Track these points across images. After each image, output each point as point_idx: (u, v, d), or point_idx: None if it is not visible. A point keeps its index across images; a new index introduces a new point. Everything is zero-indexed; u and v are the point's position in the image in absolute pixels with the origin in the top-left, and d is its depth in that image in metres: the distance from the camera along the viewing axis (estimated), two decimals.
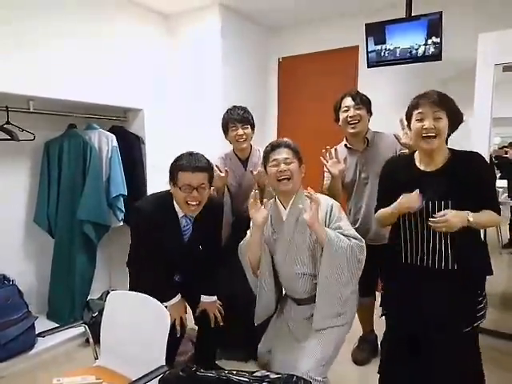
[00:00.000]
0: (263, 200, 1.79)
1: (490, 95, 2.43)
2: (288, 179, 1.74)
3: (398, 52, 2.88)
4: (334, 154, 2.11)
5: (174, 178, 1.83)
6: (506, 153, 3.29)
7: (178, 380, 1.38)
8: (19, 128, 2.55)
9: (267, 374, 1.37)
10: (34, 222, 2.78)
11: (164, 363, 1.48)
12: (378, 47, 2.94)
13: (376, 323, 2.41)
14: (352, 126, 2.17)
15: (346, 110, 2.18)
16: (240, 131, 2.27)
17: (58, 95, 2.60)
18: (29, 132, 2.60)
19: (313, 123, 3.62)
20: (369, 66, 3.03)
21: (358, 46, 3.30)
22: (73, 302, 2.78)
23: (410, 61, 2.86)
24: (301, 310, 1.82)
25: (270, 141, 1.90)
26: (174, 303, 1.93)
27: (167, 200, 1.90)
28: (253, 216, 1.76)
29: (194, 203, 1.82)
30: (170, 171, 1.86)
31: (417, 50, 2.81)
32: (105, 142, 2.89)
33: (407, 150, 1.94)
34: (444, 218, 1.47)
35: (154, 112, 3.21)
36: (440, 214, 1.49)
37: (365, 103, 2.19)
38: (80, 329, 1.92)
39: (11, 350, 2.31)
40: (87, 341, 2.32)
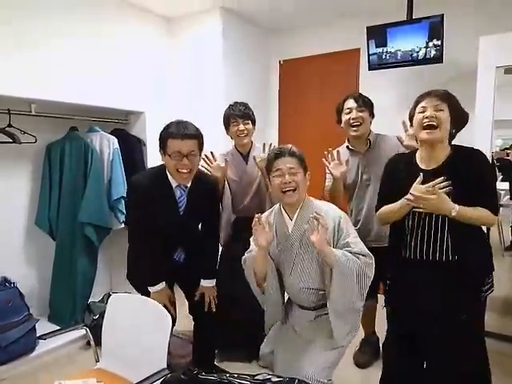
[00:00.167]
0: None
1: (492, 97, 2.44)
2: (293, 190, 1.66)
3: (400, 55, 2.89)
4: (335, 155, 2.11)
5: (164, 147, 1.82)
6: (507, 155, 3.28)
7: (180, 383, 1.38)
8: (21, 131, 2.55)
9: (269, 377, 1.35)
10: (35, 225, 2.78)
11: (165, 366, 1.47)
12: (380, 50, 2.95)
13: (378, 325, 2.41)
14: (354, 128, 2.18)
15: (349, 112, 2.19)
16: (241, 126, 2.29)
17: (59, 97, 2.61)
18: (30, 135, 2.60)
19: (314, 125, 3.62)
20: (370, 68, 3.04)
21: (359, 49, 3.30)
22: (74, 305, 2.77)
23: (411, 63, 2.87)
24: (305, 314, 1.80)
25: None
26: (157, 290, 1.94)
27: (161, 171, 1.90)
28: (257, 238, 1.67)
29: (185, 171, 1.82)
30: (159, 140, 1.86)
31: (418, 52, 2.81)
32: (106, 145, 2.90)
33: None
34: (432, 196, 1.44)
35: (155, 114, 3.21)
36: (431, 190, 1.44)
37: (367, 105, 2.19)
38: (81, 331, 1.93)
39: (12, 352, 2.31)
40: (88, 343, 2.33)
